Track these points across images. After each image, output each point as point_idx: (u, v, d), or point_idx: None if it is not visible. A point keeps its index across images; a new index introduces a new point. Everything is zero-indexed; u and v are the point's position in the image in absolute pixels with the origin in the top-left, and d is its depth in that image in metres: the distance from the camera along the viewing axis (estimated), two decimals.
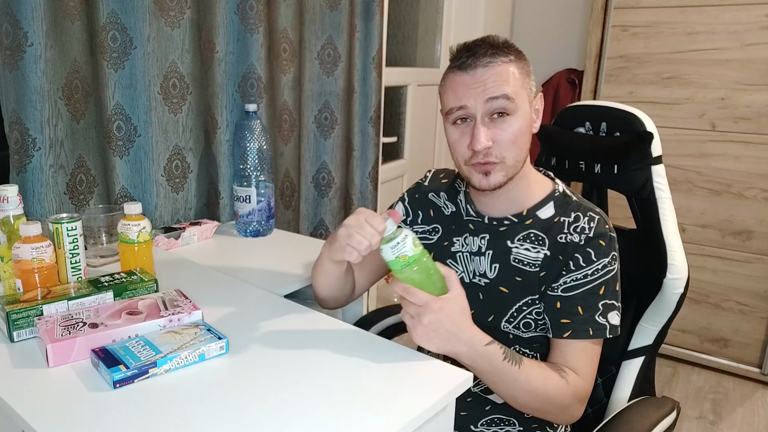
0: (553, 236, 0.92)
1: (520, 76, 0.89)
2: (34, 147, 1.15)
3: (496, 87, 0.86)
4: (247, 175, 1.44)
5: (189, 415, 0.67)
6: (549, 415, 0.90)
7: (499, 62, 0.87)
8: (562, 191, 0.96)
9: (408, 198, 1.10)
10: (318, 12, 1.73)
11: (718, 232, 2.16)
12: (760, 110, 2.01)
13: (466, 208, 1.01)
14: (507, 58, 0.88)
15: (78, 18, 1.19)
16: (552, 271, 0.91)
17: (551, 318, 0.91)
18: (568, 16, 2.80)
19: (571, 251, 0.90)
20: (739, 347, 2.21)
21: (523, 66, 0.90)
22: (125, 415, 0.66)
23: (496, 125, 0.88)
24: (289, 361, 0.80)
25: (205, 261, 1.25)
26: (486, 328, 0.97)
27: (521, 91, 0.88)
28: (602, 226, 0.91)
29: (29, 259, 0.90)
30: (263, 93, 1.57)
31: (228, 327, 0.89)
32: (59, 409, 0.67)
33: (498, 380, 0.84)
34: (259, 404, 0.69)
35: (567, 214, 0.93)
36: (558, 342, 0.91)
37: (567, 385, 0.87)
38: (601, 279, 0.89)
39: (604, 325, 0.89)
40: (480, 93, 0.86)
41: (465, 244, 1.00)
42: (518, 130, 0.88)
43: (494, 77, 0.86)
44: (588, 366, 0.90)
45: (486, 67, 0.87)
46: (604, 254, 0.89)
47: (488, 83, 0.86)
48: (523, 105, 0.89)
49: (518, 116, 0.88)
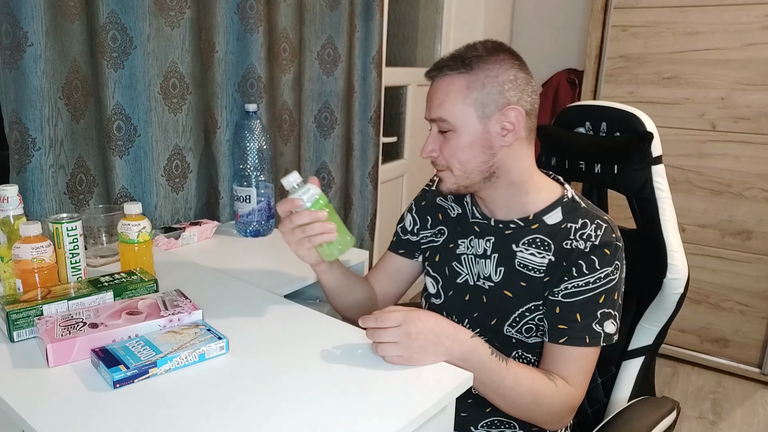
0: (559, 242, 0.91)
1: (467, 90, 0.87)
2: (34, 147, 1.15)
3: (434, 109, 0.91)
4: (247, 175, 1.44)
5: (189, 415, 0.67)
6: (537, 420, 0.89)
7: (445, 75, 0.89)
8: (571, 197, 0.95)
9: (415, 207, 1.11)
10: (318, 12, 1.73)
11: (718, 232, 2.17)
12: (760, 110, 2.01)
13: (472, 210, 1.01)
14: (457, 72, 0.88)
15: (78, 18, 1.19)
16: (555, 277, 0.91)
17: (549, 322, 0.91)
18: (568, 16, 2.80)
19: (575, 258, 0.89)
20: (739, 347, 2.22)
21: (480, 79, 0.87)
22: (125, 415, 0.66)
23: (443, 138, 0.92)
24: (289, 361, 0.80)
25: (205, 261, 1.25)
26: (488, 331, 0.98)
27: (464, 108, 0.88)
28: (609, 234, 0.90)
29: (29, 259, 0.90)
30: (263, 93, 1.57)
31: (228, 327, 0.89)
32: (59, 409, 0.67)
33: (487, 379, 0.83)
34: (259, 404, 0.69)
35: (575, 220, 0.92)
36: (552, 347, 0.90)
37: (556, 388, 0.86)
38: (602, 288, 0.89)
39: (599, 333, 0.88)
40: (427, 109, 0.93)
41: (470, 246, 0.99)
42: (460, 145, 0.90)
43: (437, 94, 0.90)
44: (580, 374, 0.89)
45: (435, 80, 0.91)
46: (607, 263, 0.89)
47: (433, 100, 0.91)
48: (467, 122, 0.88)
49: (460, 132, 0.89)
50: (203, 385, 0.73)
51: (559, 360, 0.89)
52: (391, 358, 0.79)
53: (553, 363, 0.90)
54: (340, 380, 0.75)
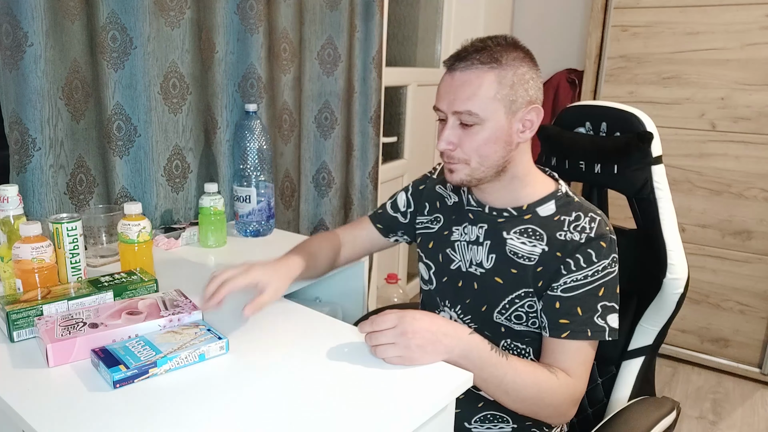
0: (553, 233, 0.92)
1: (499, 86, 0.87)
2: (34, 147, 1.15)
3: (462, 101, 0.87)
4: (247, 175, 1.44)
5: (189, 415, 0.67)
6: (541, 414, 0.90)
7: (476, 68, 0.87)
8: (564, 191, 0.97)
9: (412, 189, 1.13)
10: (318, 12, 1.73)
11: (718, 232, 2.16)
12: (760, 110, 2.01)
13: (468, 198, 1.02)
14: (488, 66, 0.87)
15: (78, 18, 1.19)
16: (550, 267, 0.91)
17: (549, 317, 0.91)
18: (568, 16, 2.80)
19: (571, 250, 0.90)
20: (739, 347, 2.22)
21: (509, 75, 0.87)
22: (125, 415, 0.66)
23: (464, 130, 0.90)
24: (289, 361, 0.80)
25: (205, 261, 1.25)
26: (479, 318, 0.99)
27: (494, 103, 0.87)
28: (603, 227, 0.91)
29: (29, 259, 0.90)
30: (263, 93, 1.57)
31: (228, 327, 0.89)
32: (59, 409, 0.67)
33: (489, 375, 0.83)
34: (258, 404, 0.69)
35: (568, 213, 0.93)
36: (553, 342, 0.91)
37: (557, 380, 0.87)
38: (601, 281, 0.89)
39: (603, 327, 0.89)
40: (451, 101, 0.89)
41: (464, 233, 1.01)
42: (484, 139, 0.89)
43: (465, 86, 0.87)
44: (581, 366, 0.90)
45: (463, 72, 0.88)
46: (604, 256, 0.89)
47: (459, 93, 0.88)
48: (496, 117, 0.88)
49: (486, 127, 0.88)
50: (203, 386, 0.73)
51: (559, 353, 0.90)
52: (391, 359, 0.79)
53: (554, 356, 0.90)
54: (340, 380, 0.75)
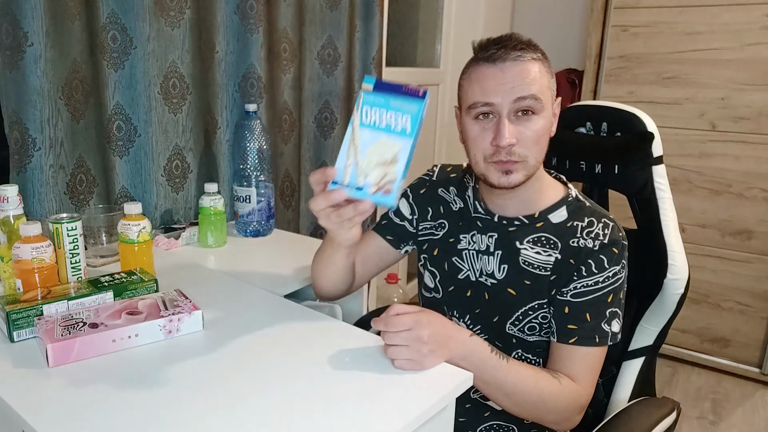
0: (566, 240, 0.91)
1: (546, 75, 0.87)
2: (34, 147, 1.14)
3: (525, 86, 0.84)
4: (247, 175, 1.44)
5: (189, 416, 0.67)
6: (545, 420, 0.89)
7: (528, 58, 0.85)
8: (575, 196, 0.95)
9: (412, 195, 1.07)
10: (318, 12, 1.73)
11: (718, 232, 2.16)
12: (760, 110, 2.01)
13: (475, 205, 0.98)
14: (535, 55, 0.86)
15: (78, 18, 1.19)
16: (563, 275, 0.90)
17: (558, 322, 0.90)
18: (568, 16, 2.80)
19: (584, 256, 0.89)
20: (739, 347, 2.21)
21: (548, 67, 0.89)
22: (126, 415, 0.66)
23: (520, 123, 0.86)
24: (289, 361, 0.80)
25: (205, 261, 1.25)
26: (490, 329, 0.97)
27: (546, 91, 0.87)
28: (616, 233, 0.90)
29: (29, 259, 0.90)
30: (263, 93, 1.56)
31: (228, 327, 0.89)
32: (59, 409, 0.67)
33: (489, 377, 0.82)
34: (258, 404, 0.69)
35: (581, 218, 0.92)
36: (560, 347, 0.90)
37: (560, 385, 0.86)
38: (610, 287, 0.88)
39: (607, 333, 0.88)
40: (508, 91, 0.84)
41: (472, 241, 0.98)
42: (541, 129, 0.87)
43: (522, 74, 0.84)
44: (587, 373, 0.89)
45: (515, 62, 0.84)
46: (615, 262, 0.88)
47: (517, 80, 0.84)
48: (548, 105, 0.88)
49: (542, 116, 0.86)
50: (204, 386, 0.73)
51: (566, 359, 0.89)
52: (401, 363, 0.77)
53: (561, 362, 0.89)
54: (339, 380, 0.75)
